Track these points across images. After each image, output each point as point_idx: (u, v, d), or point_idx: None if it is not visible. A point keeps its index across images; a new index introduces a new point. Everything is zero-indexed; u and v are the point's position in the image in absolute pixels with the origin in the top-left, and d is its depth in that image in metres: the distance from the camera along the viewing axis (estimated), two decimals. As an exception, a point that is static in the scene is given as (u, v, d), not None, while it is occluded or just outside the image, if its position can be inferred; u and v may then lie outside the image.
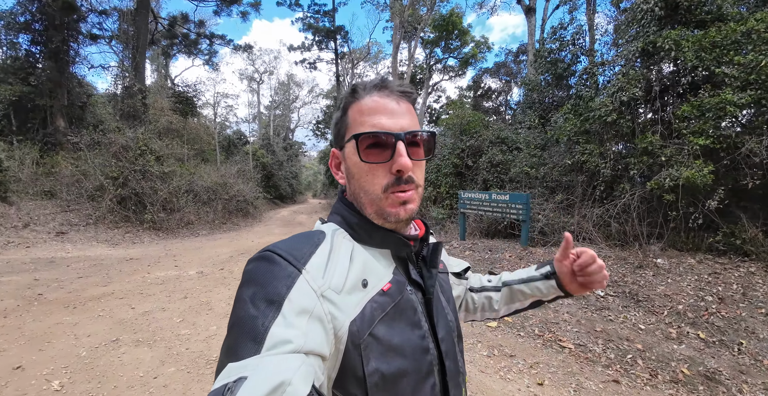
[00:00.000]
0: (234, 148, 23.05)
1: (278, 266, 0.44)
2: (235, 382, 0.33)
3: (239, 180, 15.93)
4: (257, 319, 0.39)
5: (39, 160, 10.18)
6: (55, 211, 8.95)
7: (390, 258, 0.56)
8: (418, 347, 0.51)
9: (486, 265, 5.01)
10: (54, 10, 9.79)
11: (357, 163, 0.53)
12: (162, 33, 13.37)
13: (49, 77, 10.70)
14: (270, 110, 35.45)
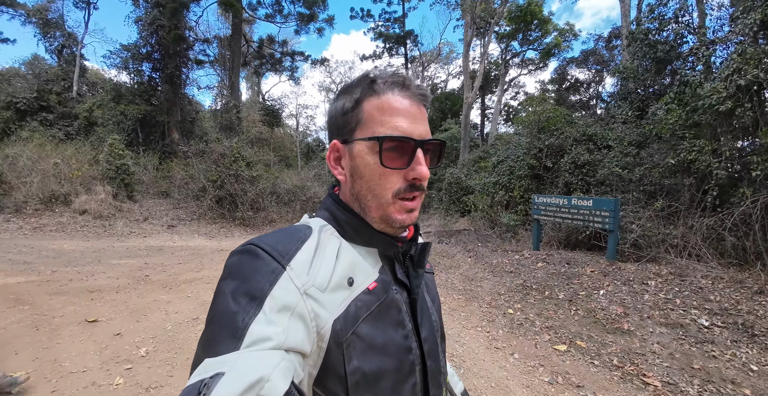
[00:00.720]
0: (312, 154, 24.88)
1: (262, 261, 0.43)
2: (211, 378, 0.33)
3: (316, 183, 17.15)
4: (237, 314, 0.38)
5: (158, 166, 12.35)
6: (168, 208, 10.75)
7: (377, 256, 0.55)
8: (401, 347, 0.51)
9: (561, 280, 4.40)
10: (168, 42, 11.86)
11: (371, 164, 0.51)
12: (253, 54, 15.20)
13: (166, 98, 12.96)
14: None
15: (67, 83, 14.42)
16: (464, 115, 13.80)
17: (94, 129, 13.12)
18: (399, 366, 0.50)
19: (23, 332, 2.88)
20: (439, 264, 6.09)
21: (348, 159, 0.54)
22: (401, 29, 21.17)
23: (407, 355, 0.52)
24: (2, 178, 8.42)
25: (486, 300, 4.19)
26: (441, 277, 5.36)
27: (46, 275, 4.48)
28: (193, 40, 13.61)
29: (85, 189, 9.64)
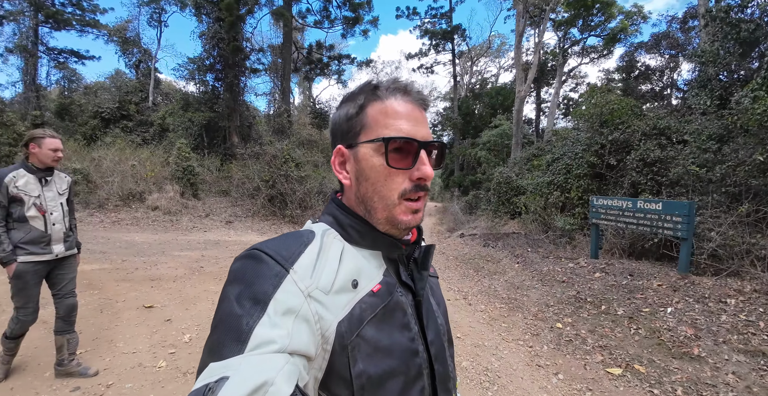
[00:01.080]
0: (358, 154, 25.40)
1: (265, 265, 0.44)
2: (216, 382, 0.33)
3: (358, 183, 17.44)
4: (242, 318, 0.39)
5: (219, 167, 13.43)
6: (227, 206, 11.64)
7: (380, 259, 0.55)
8: (407, 349, 0.51)
9: (622, 294, 3.92)
10: (227, 53, 12.85)
11: (377, 166, 0.52)
12: (302, 60, 15.91)
13: (227, 105, 14.05)
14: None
15: (144, 94, 16.36)
16: (516, 110, 13.03)
17: (166, 134, 14.68)
18: (406, 369, 0.50)
19: (89, 314, 3.25)
20: (483, 269, 5.80)
21: (353, 163, 0.55)
22: (448, 24, 20.64)
23: (414, 358, 0.51)
24: (89, 178, 9.75)
25: (532, 311, 3.87)
26: (483, 283, 5.09)
27: (117, 264, 5.07)
28: (249, 50, 14.64)
29: (157, 188, 10.82)
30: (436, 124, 28.70)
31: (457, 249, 7.70)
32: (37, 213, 2.08)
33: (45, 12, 15.26)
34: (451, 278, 5.50)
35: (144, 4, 17.60)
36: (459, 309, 4.06)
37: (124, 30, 17.53)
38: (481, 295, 4.57)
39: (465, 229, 9.97)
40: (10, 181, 2.02)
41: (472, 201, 13.96)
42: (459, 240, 8.68)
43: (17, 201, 2.04)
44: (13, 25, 15.14)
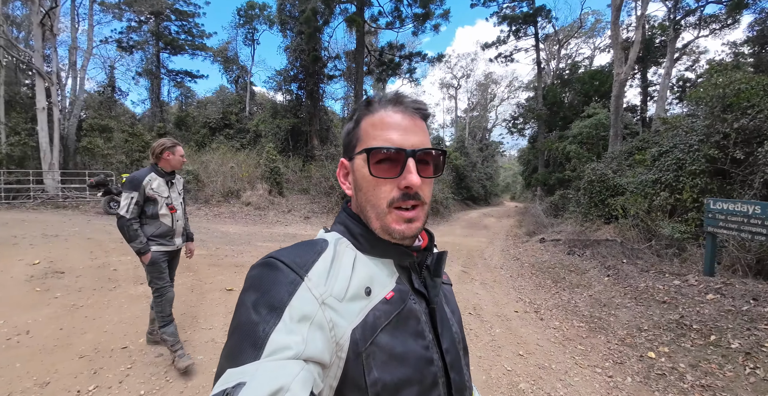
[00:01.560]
0: (431, 153, 25.07)
1: (281, 273, 0.45)
2: (233, 388, 0.34)
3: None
4: (258, 324, 0.40)
5: (302, 168, 14.65)
6: (307, 203, 12.64)
7: (393, 267, 0.55)
8: (421, 357, 0.50)
9: (740, 322, 3.09)
10: (308, 63, 13.89)
11: (366, 176, 0.53)
12: (374, 62, 16.32)
13: (308, 110, 15.24)
14: (467, 113, 36.17)
15: (242, 105, 18.77)
16: (615, 96, 11.22)
17: (259, 140, 16.60)
18: (421, 378, 0.50)
19: (182, 293, 3.80)
20: (563, 280, 5.18)
21: (352, 174, 0.57)
22: (530, 6, 18.88)
23: (429, 367, 0.51)
24: (198, 178, 11.56)
25: (618, 334, 3.32)
26: (562, 296, 4.55)
27: (212, 250, 5.86)
28: (327, 58, 15.65)
29: (250, 186, 12.29)
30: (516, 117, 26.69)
31: (534, 255, 7.04)
32: (167, 211, 2.41)
33: (164, 40, 18.74)
34: (523, 288, 5.04)
35: (240, 25, 20.24)
36: (527, 323, 3.69)
37: (225, 50, 20.47)
38: (556, 310, 4.08)
39: (547, 234, 9.04)
40: (147, 184, 2.32)
41: (558, 202, 12.57)
42: (538, 245, 7.92)
43: (151, 200, 2.36)
44: (140, 53, 19.05)
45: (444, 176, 19.78)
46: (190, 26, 19.82)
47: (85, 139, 12.15)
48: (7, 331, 2.89)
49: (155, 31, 18.39)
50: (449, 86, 35.83)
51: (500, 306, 4.17)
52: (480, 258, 7.05)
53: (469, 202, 25.56)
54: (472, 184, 25.04)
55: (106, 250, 5.29)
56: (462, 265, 6.20)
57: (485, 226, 13.31)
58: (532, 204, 14.39)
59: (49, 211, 9.40)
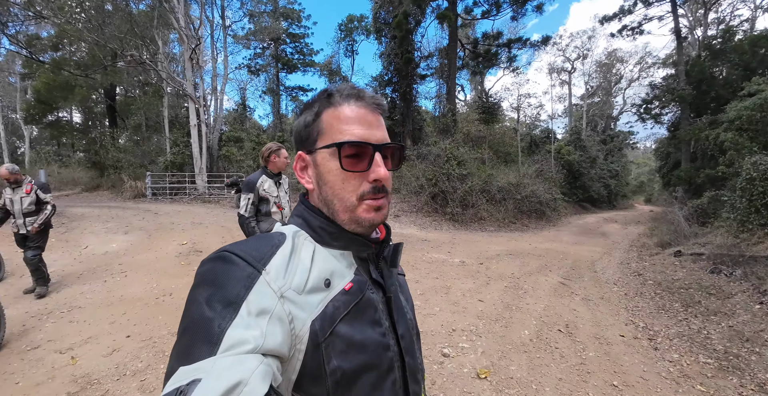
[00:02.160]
0: (536, 148, 22.70)
1: (236, 267, 0.44)
2: (188, 385, 0.33)
3: (537, 180, 15.58)
4: (213, 320, 0.39)
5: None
6: (397, 201, 12.98)
7: (351, 258, 0.56)
8: (379, 344, 0.52)
9: None
10: (401, 65, 14.20)
11: (333, 170, 0.54)
12: (469, 56, 15.65)
13: (401, 112, 15.61)
14: (584, 99, 31.50)
15: (344, 112, 20.46)
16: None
17: (357, 143, 17.81)
18: (379, 363, 0.51)
19: None
20: (697, 304, 4.09)
21: (313, 167, 0.57)
22: (667, -35, 15.28)
23: (386, 352, 0.53)
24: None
25: (758, 378, 2.48)
26: (691, 324, 3.59)
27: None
28: (419, 58, 15.76)
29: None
30: (650, 100, 22.02)
31: (664, 272, 5.71)
32: (276, 209, 2.60)
33: (282, 61, 21.82)
34: (640, 310, 4.15)
35: (341, 39, 22.13)
36: (634, 351, 3.02)
37: (330, 64, 22.74)
38: (679, 340, 3.22)
39: (686, 246, 7.20)
40: (260, 185, 2.54)
41: (706, 206, 9.87)
42: (672, 260, 6.39)
43: (264, 200, 2.58)
44: (264, 74, 22.68)
45: (552, 174, 17.70)
46: (301, 46, 22.77)
47: (224, 149, 15.03)
48: (158, 291, 3.87)
49: (275, 54, 21.64)
50: (561, 71, 31.74)
51: (602, 327, 3.53)
52: (588, 270, 6.09)
53: (586, 204, 22.26)
54: (590, 183, 21.70)
55: (233, 236, 6.50)
56: (562, 276, 5.46)
57: (603, 234, 11.43)
58: (671, 208, 11.52)
59: (198, 204, 11.94)
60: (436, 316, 3.56)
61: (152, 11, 12.20)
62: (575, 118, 32.12)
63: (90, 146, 17.83)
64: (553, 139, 23.08)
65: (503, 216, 12.83)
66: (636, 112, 22.97)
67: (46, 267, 3.77)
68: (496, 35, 15.49)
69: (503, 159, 19.93)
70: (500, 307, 3.87)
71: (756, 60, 13.48)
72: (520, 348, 2.95)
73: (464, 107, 25.56)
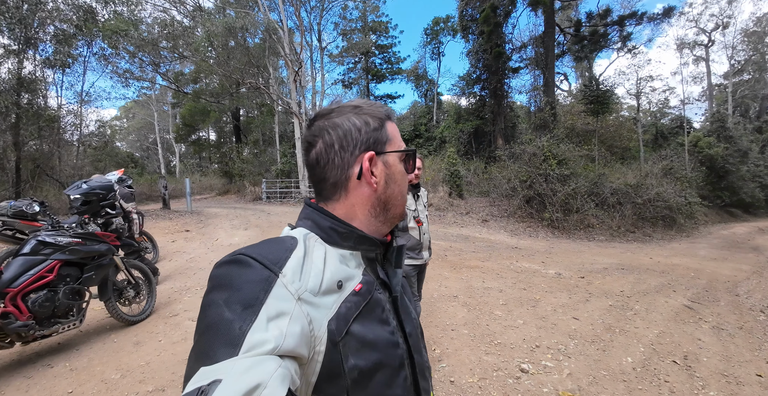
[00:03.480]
0: (664, 141, 18.83)
1: (253, 270, 0.45)
2: (209, 385, 0.33)
3: (665, 180, 12.92)
4: (233, 322, 0.39)
5: (483, 170, 14.43)
6: (486, 205, 12.36)
7: (360, 259, 0.58)
8: (389, 342, 0.54)
9: None
10: (490, 61, 13.51)
11: (401, 171, 0.62)
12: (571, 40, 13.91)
13: (491, 110, 14.85)
14: (728, 78, 24.86)
15: (430, 116, 20.48)
16: None
17: (444, 145, 17.61)
18: (390, 360, 0.53)
19: None
20: None
21: (382, 168, 0.60)
22: None
23: (396, 350, 0.55)
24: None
25: None
26: None
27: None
28: (511, 51, 14.75)
29: (433, 189, 13.22)
30: None
31: None
32: (415, 224, 2.38)
33: (371, 73, 22.97)
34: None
35: (427, 43, 22.24)
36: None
37: (416, 69, 23.11)
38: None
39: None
40: None
41: None
42: None
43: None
44: (356, 86, 24.27)
45: (686, 172, 14.46)
46: (389, 56, 23.81)
47: (323, 157, 16.71)
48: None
49: (365, 67, 23.09)
50: (694, 45, 25.66)
51: (733, 363, 2.80)
52: (728, 293, 4.85)
53: (735, 209, 17.56)
54: (740, 183, 17.07)
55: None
56: (690, 298, 4.46)
57: (756, 248, 8.90)
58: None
59: (300, 206, 13.49)
60: (518, 329, 3.30)
61: (264, 43, 14.42)
62: (717, 101, 25.59)
63: (222, 159, 21.99)
64: (688, 129, 18.76)
65: (618, 223, 11.01)
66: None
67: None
68: (603, 13, 13.39)
69: (619, 155, 17.13)
70: (599, 328, 3.36)
71: None
72: (618, 376, 2.52)
73: (568, 98, 22.80)
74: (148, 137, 33.00)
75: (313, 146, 0.60)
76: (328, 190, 0.60)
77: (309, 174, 0.63)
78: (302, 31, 14.92)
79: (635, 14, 12.01)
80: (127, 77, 15.06)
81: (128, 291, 3.30)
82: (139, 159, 30.73)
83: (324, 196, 0.61)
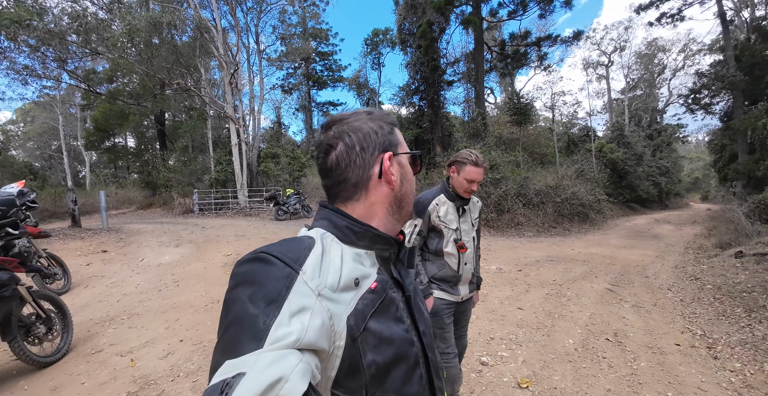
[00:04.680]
0: (575, 147, 21.64)
1: (275, 267, 0.46)
2: (233, 378, 0.34)
3: (578, 181, 14.83)
4: (258, 317, 0.40)
5: (425, 175, 15.04)
6: (429, 211, 12.87)
7: (374, 258, 0.59)
8: (404, 339, 0.55)
9: None
10: (427, 73, 14.29)
11: (411, 172, 0.67)
12: (497, 58, 15.47)
13: (429, 119, 15.64)
14: (625, 93, 29.70)
15: (373, 123, 20.85)
16: None
17: (386, 152, 18.02)
18: (406, 357, 0.55)
19: None
20: (763, 309, 3.71)
21: (398, 167, 0.64)
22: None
23: (411, 348, 0.56)
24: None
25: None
26: (757, 331, 3.28)
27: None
28: (445, 65, 15.80)
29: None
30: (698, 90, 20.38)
31: (724, 275, 5.19)
32: (454, 249, 1.74)
33: (312, 79, 22.79)
34: (698, 316, 3.82)
35: (367, 53, 22.79)
36: (691, 361, 2.78)
37: (357, 78, 23.49)
38: (741, 349, 2.92)
39: (748, 246, 6.49)
40: (433, 209, 1.72)
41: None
42: (732, 261, 5.79)
43: (436, 232, 1.75)
44: (297, 93, 23.83)
45: (594, 174, 16.75)
46: (330, 63, 23.76)
47: (263, 164, 15.85)
48: (206, 299, 4.15)
49: (306, 73, 22.74)
50: (597, 65, 30.20)
51: (655, 336, 3.29)
52: (639, 275, 5.69)
53: (634, 204, 20.73)
54: (637, 181, 20.24)
55: (269, 249, 6.81)
56: (610, 282, 5.15)
57: (656, 236, 10.60)
58: (730, 205, 10.45)
59: (240, 218, 12.61)
60: (473, 324, 3.49)
61: (194, 42, 13.37)
62: (616, 113, 30.30)
63: (143, 168, 19.62)
64: (593, 137, 21.88)
65: (542, 220, 12.28)
66: (683, 103, 21.29)
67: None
68: (524, 35, 15.14)
69: (539, 161, 19.18)
70: (541, 315, 3.72)
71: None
72: (564, 357, 2.82)
73: (494, 110, 25.00)
74: (51, 144, 27.91)
75: (333, 149, 0.60)
76: (348, 190, 0.61)
77: (325, 177, 0.63)
78: (238, 32, 14.16)
79: (550, 37, 13.82)
80: (26, 75, 12.82)
81: (38, 327, 2.77)
82: (39, 169, 25.96)
83: (342, 198, 0.62)
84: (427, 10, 13.65)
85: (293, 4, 16.85)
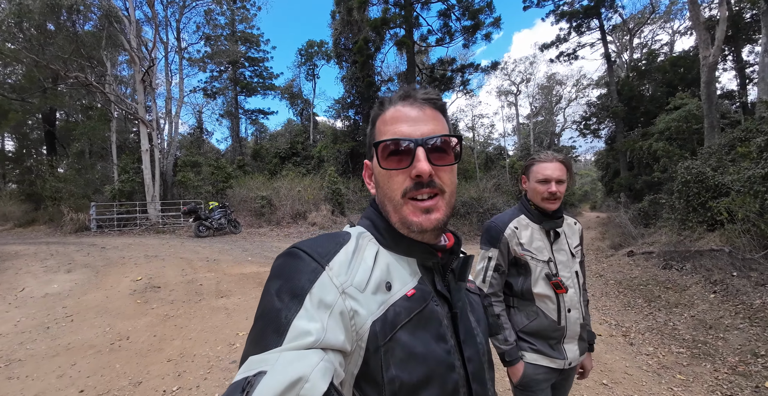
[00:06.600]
0: (492, 164, 24.05)
1: (302, 262, 0.46)
2: (255, 376, 0.35)
3: (495, 193, 16.42)
4: (281, 311, 0.42)
5: (361, 188, 15.15)
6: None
7: (416, 266, 0.54)
8: (443, 362, 0.49)
9: None
10: (363, 89, 14.67)
11: (379, 170, 0.54)
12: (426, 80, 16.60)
13: (365, 134, 15.92)
14: (530, 119, 34.31)
15: (306, 135, 20.43)
16: (704, 83, 9.62)
17: (322, 164, 17.72)
18: (441, 382, 0.48)
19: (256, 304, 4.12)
20: (658, 299, 4.44)
21: (369, 172, 0.61)
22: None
23: (450, 373, 0.49)
24: (272, 202, 12.61)
25: (729, 361, 2.70)
26: (657, 317, 3.88)
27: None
28: (380, 82, 16.42)
29: (315, 208, 13.03)
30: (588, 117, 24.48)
31: (622, 271, 6.17)
32: (548, 289, 1.23)
33: (240, 85, 21.66)
34: (609, 308, 4.42)
35: (302, 63, 22.50)
36: (613, 348, 3.18)
37: (291, 87, 22.90)
38: (650, 334, 3.47)
39: (636, 246, 7.88)
40: (512, 236, 1.27)
41: (647, 209, 10.95)
42: (626, 260, 6.94)
43: (520, 266, 1.27)
44: (222, 97, 22.37)
45: (508, 187, 18.74)
46: (261, 70, 22.70)
47: (180, 174, 14.21)
48: (112, 336, 3.41)
49: (233, 77, 21.35)
50: (508, 93, 34.46)
51: None
52: (552, 274, 6.41)
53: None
54: (541, 194, 23.22)
55: (195, 268, 5.99)
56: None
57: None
58: (616, 213, 12.69)
59: (151, 235, 11.02)
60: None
61: (101, 32, 11.57)
62: (523, 135, 34.65)
63: (24, 176, 16.03)
64: (506, 155, 24.69)
65: (468, 229, 13.28)
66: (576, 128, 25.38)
67: None
68: (450, 61, 16.60)
69: (462, 175, 20.90)
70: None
71: (677, 78, 15.73)
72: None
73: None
74: None
75: None
76: None
77: None
78: (156, 25, 12.66)
79: (472, 65, 15.46)
80: None
81: None
82: None
83: None
84: (362, 28, 14.09)
85: (221, 4, 15.85)
